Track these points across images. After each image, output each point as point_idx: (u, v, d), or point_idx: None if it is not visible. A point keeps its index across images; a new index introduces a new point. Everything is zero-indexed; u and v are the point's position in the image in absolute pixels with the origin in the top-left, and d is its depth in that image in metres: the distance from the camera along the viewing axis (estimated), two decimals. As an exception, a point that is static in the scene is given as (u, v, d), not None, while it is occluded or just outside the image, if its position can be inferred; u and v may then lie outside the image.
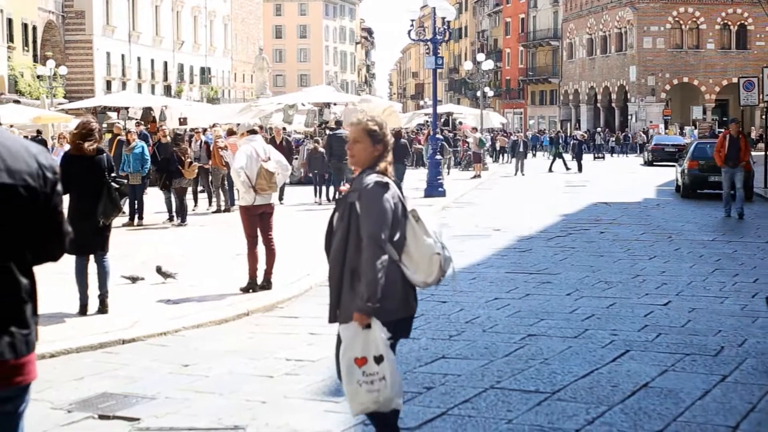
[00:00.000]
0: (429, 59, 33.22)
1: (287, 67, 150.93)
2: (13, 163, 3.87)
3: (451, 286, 13.86)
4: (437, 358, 9.74)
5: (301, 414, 7.95)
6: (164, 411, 7.94)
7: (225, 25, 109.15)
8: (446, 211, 27.15)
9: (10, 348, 3.84)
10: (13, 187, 3.85)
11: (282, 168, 13.56)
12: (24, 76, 67.15)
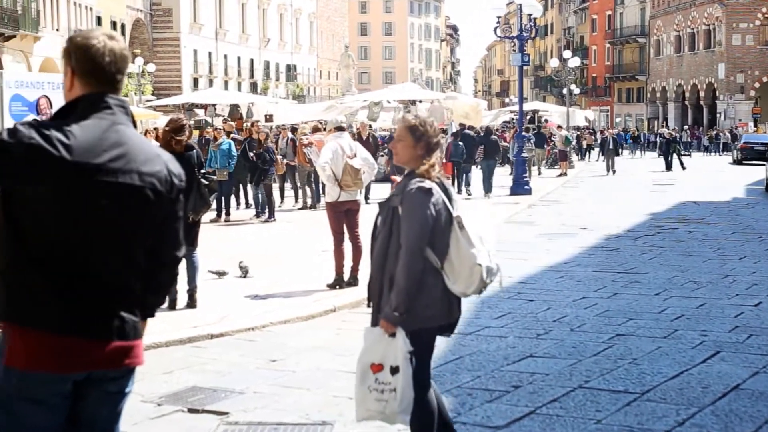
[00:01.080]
0: (515, 56, 33.08)
1: (372, 65, 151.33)
2: (144, 167, 4.10)
3: (538, 284, 13.84)
4: (525, 356, 9.69)
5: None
6: (253, 405, 8.00)
7: (311, 22, 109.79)
8: (532, 209, 26.99)
9: (119, 331, 4.09)
10: (142, 190, 4.10)
11: (368, 166, 13.59)
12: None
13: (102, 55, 4.06)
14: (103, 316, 4.06)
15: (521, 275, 14.73)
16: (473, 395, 8.30)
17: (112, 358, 4.08)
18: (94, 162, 3.98)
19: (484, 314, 11.75)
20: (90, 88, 4.08)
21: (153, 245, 4.24)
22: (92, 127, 4.01)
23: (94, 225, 4.03)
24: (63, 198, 3.95)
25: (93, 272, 4.04)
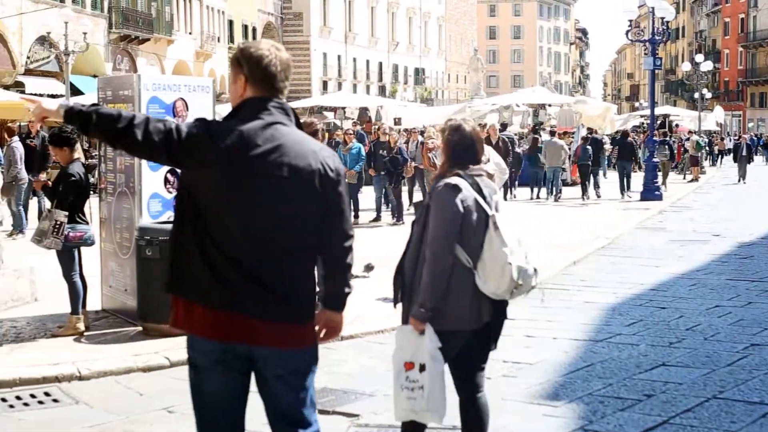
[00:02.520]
0: (647, 60, 32.66)
1: (501, 68, 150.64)
2: (296, 161, 4.55)
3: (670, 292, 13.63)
4: (657, 365, 9.56)
5: (519, 416, 7.94)
6: (383, 408, 8.03)
7: (439, 25, 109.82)
8: (663, 215, 26.59)
9: (276, 313, 4.55)
10: (293, 182, 4.55)
11: (500, 170, 13.53)
12: (245, 77, 69.00)
13: (271, 65, 4.63)
14: (257, 297, 4.51)
15: (653, 282, 14.53)
16: (605, 403, 8.23)
17: (270, 337, 4.56)
18: (249, 154, 4.48)
19: (615, 321, 11.64)
20: (258, 92, 4.64)
21: (315, 236, 4.67)
22: (251, 125, 4.54)
23: (248, 212, 4.50)
24: (221, 186, 4.49)
25: (249, 254, 4.50)
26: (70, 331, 10.62)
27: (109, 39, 51.72)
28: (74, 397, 8.65)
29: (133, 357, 9.69)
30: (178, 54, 59.18)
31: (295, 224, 4.59)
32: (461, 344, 5.97)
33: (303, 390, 4.71)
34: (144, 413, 8.20)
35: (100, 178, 11.88)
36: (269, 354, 4.60)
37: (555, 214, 26.26)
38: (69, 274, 10.71)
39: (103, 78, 14.68)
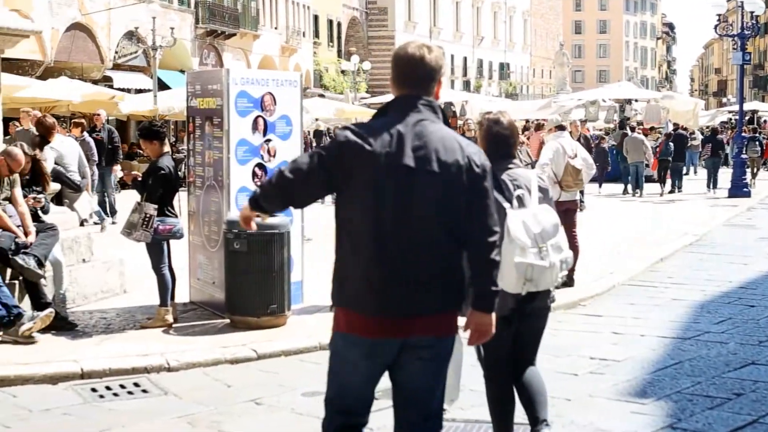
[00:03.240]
0: (736, 55, 32.16)
1: (586, 63, 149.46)
2: (443, 156, 4.70)
3: (759, 290, 13.42)
4: (746, 363, 9.42)
5: (607, 414, 7.87)
6: (469, 403, 7.99)
7: (525, 20, 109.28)
8: (752, 212, 26.18)
9: (425, 307, 4.76)
10: (441, 176, 4.69)
11: (587, 166, 13.46)
12: (328, 71, 69.47)
13: (417, 64, 4.83)
14: (409, 296, 4.72)
15: (741, 280, 14.32)
16: (693, 401, 8.13)
17: (421, 327, 4.77)
18: (398, 153, 4.67)
19: (703, 319, 11.50)
20: (404, 91, 4.85)
21: (462, 228, 4.78)
22: (399, 123, 4.74)
23: (400, 208, 4.68)
24: (373, 188, 4.67)
25: (401, 255, 4.70)
26: (158, 323, 10.77)
27: (195, 34, 52.25)
28: (163, 388, 8.77)
29: (220, 349, 9.79)
30: (264, 49, 59.60)
31: (444, 218, 4.74)
32: None
33: (438, 376, 4.94)
34: (232, 405, 8.28)
35: (188, 172, 12.01)
36: (417, 340, 4.79)
37: (640, 209, 26.00)
38: (158, 266, 10.85)
39: (192, 72, 14.85)
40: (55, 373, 9.05)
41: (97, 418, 7.98)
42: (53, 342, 10.12)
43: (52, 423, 7.91)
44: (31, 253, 10.45)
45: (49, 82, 32.70)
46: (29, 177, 11.36)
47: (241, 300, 10.64)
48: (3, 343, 9.99)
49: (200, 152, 11.75)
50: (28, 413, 8.13)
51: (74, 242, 12.12)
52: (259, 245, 10.49)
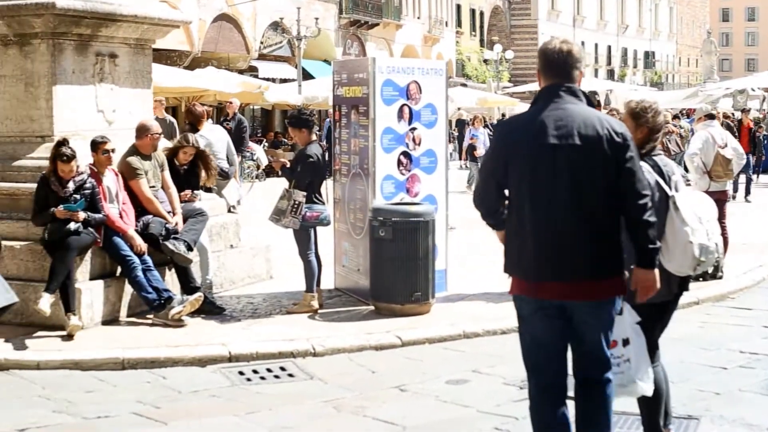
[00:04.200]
0: None
1: (734, 51, 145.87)
2: (585, 131, 5.31)
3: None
4: None
5: (757, 408, 7.69)
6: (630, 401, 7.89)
7: (670, 8, 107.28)
8: None
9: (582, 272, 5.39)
10: (583, 148, 5.29)
11: (738, 156, 13.15)
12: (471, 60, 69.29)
13: (553, 56, 5.51)
14: (565, 263, 5.36)
15: None
16: None
17: (577, 293, 5.41)
18: (543, 134, 5.35)
19: None
20: (550, 81, 5.52)
21: (613, 198, 5.36)
22: (545, 110, 5.42)
23: (552, 182, 5.33)
24: (528, 170, 5.38)
25: (555, 227, 5.35)
26: (304, 309, 10.90)
27: (339, 24, 52.66)
28: (309, 373, 8.88)
29: (365, 335, 9.87)
30: (407, 39, 59.73)
31: (593, 188, 5.33)
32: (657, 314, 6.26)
33: (604, 336, 5.56)
34: (376, 390, 8.34)
35: (334, 160, 12.12)
36: (577, 305, 5.44)
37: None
38: (305, 252, 10.99)
39: (339, 61, 14.98)
40: (204, 355, 9.25)
41: (245, 400, 8.13)
42: (202, 325, 10.35)
43: (201, 404, 8.07)
44: (181, 238, 10.68)
45: (196, 72, 33.35)
46: (187, 168, 11.59)
47: (386, 287, 10.71)
48: (153, 326, 10.26)
49: (346, 140, 11.85)
50: (177, 394, 8.32)
51: (222, 228, 12.36)
52: (404, 233, 10.53)
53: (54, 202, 9.95)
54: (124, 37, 11.88)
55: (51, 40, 11.03)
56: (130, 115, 11.79)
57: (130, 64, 12.08)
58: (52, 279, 9.67)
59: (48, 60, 11.04)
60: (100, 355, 9.17)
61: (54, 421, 7.59)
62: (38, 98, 11.10)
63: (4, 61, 11.26)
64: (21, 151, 11.10)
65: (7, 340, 9.47)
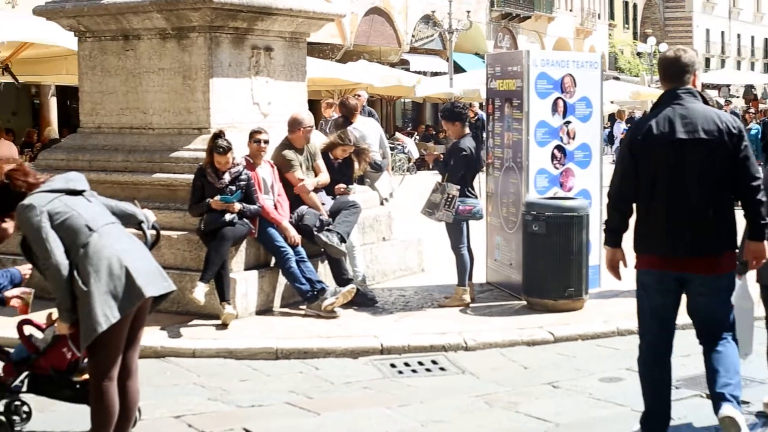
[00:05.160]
0: None
1: None
2: (706, 126, 6.21)
3: None
4: None
5: None
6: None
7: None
8: None
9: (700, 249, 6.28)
10: (707, 141, 6.18)
11: None
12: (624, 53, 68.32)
13: (667, 64, 6.47)
14: (687, 241, 6.25)
15: None
16: None
17: (695, 266, 6.30)
18: (671, 131, 6.24)
19: None
20: (668, 85, 6.43)
21: (732, 179, 6.24)
22: (667, 110, 6.31)
23: (680, 172, 6.21)
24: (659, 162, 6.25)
25: (685, 208, 6.23)
26: (456, 302, 10.86)
27: (490, 17, 52.47)
28: (460, 367, 8.84)
29: (517, 330, 9.78)
30: (558, 31, 59.21)
31: (716, 174, 6.21)
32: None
33: (721, 306, 6.43)
34: (528, 386, 8.25)
35: (487, 154, 12.04)
36: (694, 278, 6.32)
37: None
38: (457, 246, 10.94)
39: (492, 54, 14.89)
40: (356, 347, 9.29)
41: (396, 392, 8.13)
42: (354, 317, 10.40)
43: (353, 396, 8.10)
44: (334, 230, 10.75)
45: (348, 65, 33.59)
46: (341, 161, 11.66)
47: (538, 282, 10.60)
48: (306, 317, 10.35)
49: (499, 134, 11.76)
50: (329, 385, 8.37)
51: (375, 221, 12.40)
52: (558, 228, 10.40)
53: (210, 193, 10.11)
54: (280, 31, 12.02)
55: (208, 33, 11.21)
56: (285, 107, 11.91)
57: (285, 57, 12.22)
58: (208, 269, 9.84)
59: (205, 53, 11.23)
60: (254, 344, 9.30)
61: (209, 409, 7.71)
62: (195, 91, 11.30)
63: (163, 54, 11.50)
64: (178, 143, 11.32)
65: (163, 327, 9.69)
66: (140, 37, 11.62)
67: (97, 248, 5.93)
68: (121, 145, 11.67)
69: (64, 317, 6.09)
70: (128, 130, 11.78)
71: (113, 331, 5.93)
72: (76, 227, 5.97)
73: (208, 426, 7.26)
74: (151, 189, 11.10)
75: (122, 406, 6.20)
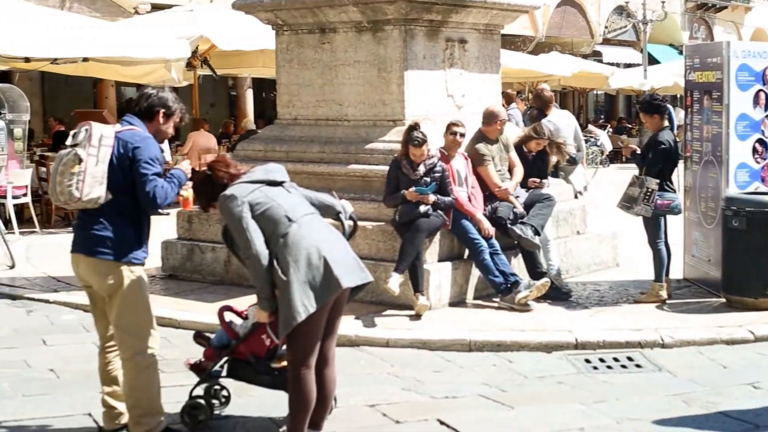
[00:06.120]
0: None
1: None
2: None
3: None
4: None
5: None
6: None
7: None
8: None
9: None
10: None
11: None
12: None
13: None
14: None
15: None
16: None
17: None
18: None
19: None
20: None
21: None
22: None
23: None
24: None
25: None
26: (652, 298, 10.65)
27: (685, 8, 51.29)
28: (657, 364, 8.67)
29: (716, 328, 9.53)
30: (756, 21, 57.36)
31: None
32: None
33: None
34: (727, 386, 8.03)
35: (685, 147, 11.77)
36: None
37: None
38: (655, 241, 10.72)
39: (691, 46, 14.50)
40: (550, 341, 9.22)
41: (591, 389, 8.03)
42: (548, 311, 10.32)
43: (547, 390, 8.04)
44: (528, 222, 10.68)
45: (540, 57, 33.38)
46: (535, 154, 11.58)
47: (738, 279, 10.31)
48: (499, 310, 10.33)
49: (698, 127, 11.48)
50: (523, 379, 8.33)
51: (569, 214, 12.27)
52: (760, 224, 10.09)
53: (405, 185, 10.17)
54: (474, 23, 12.01)
55: (403, 26, 11.29)
56: (479, 100, 11.91)
57: (479, 50, 12.22)
58: (402, 259, 9.92)
59: (400, 46, 11.31)
60: (447, 335, 9.33)
61: (403, 399, 7.76)
62: (390, 83, 11.40)
63: (358, 47, 11.63)
64: (373, 135, 11.43)
65: (357, 317, 9.81)
66: (336, 30, 11.79)
67: (297, 239, 6.04)
68: (317, 136, 11.86)
69: (263, 305, 6.24)
70: (324, 122, 11.96)
71: (311, 320, 6.03)
72: (276, 218, 6.10)
73: (402, 416, 7.31)
74: (346, 180, 11.24)
75: (319, 393, 6.30)
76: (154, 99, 6.70)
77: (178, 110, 6.79)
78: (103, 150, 6.33)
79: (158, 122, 6.67)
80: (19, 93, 17.74)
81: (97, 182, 6.30)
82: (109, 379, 6.78)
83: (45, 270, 12.98)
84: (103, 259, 6.44)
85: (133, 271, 6.52)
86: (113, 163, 6.35)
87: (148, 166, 6.36)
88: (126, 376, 6.61)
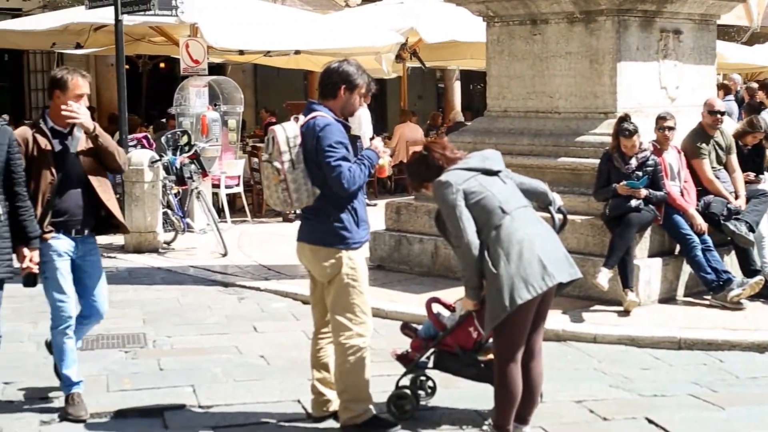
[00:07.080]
0: None
1: None
2: None
3: None
4: None
5: None
6: None
7: None
8: None
9: None
10: None
11: None
12: None
13: None
14: None
15: None
16: None
17: None
18: None
19: None
20: None
21: None
22: None
23: None
24: None
25: None
26: None
27: None
28: None
29: None
30: None
31: None
32: None
33: None
34: None
35: None
36: None
37: None
38: None
39: None
40: (763, 341, 8.97)
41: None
42: (761, 310, 10.03)
43: (760, 392, 7.84)
44: (742, 219, 10.40)
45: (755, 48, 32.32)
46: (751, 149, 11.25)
47: None
48: (710, 307, 10.10)
49: None
50: (734, 379, 8.12)
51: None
52: None
53: (616, 178, 10.04)
54: (689, 13, 11.75)
55: (616, 17, 11.13)
56: (693, 92, 11.66)
57: (694, 40, 11.94)
58: (611, 254, 9.80)
59: (613, 37, 11.15)
60: (656, 333, 9.18)
61: (610, 396, 7.67)
62: (602, 75, 11.25)
63: (570, 38, 11.52)
64: (584, 127, 11.31)
65: (564, 311, 9.73)
66: (548, 21, 11.70)
67: (509, 231, 6.04)
68: (527, 128, 11.81)
69: (470, 295, 6.27)
70: (534, 114, 11.90)
71: (520, 314, 6.03)
72: (490, 208, 6.11)
73: (610, 413, 7.22)
74: (556, 173, 11.15)
75: (526, 387, 6.29)
76: (334, 75, 6.67)
77: (363, 83, 6.71)
78: (294, 151, 6.44)
79: (341, 98, 6.66)
80: (234, 85, 18.22)
81: (301, 185, 6.43)
82: (320, 365, 6.92)
83: (256, 258, 13.34)
84: (320, 246, 6.59)
85: (351, 257, 6.64)
86: (308, 158, 6.45)
87: (330, 152, 6.38)
88: (338, 361, 6.73)
